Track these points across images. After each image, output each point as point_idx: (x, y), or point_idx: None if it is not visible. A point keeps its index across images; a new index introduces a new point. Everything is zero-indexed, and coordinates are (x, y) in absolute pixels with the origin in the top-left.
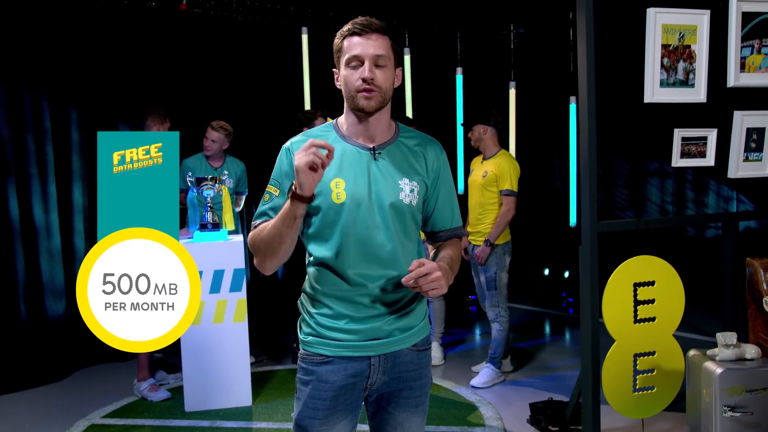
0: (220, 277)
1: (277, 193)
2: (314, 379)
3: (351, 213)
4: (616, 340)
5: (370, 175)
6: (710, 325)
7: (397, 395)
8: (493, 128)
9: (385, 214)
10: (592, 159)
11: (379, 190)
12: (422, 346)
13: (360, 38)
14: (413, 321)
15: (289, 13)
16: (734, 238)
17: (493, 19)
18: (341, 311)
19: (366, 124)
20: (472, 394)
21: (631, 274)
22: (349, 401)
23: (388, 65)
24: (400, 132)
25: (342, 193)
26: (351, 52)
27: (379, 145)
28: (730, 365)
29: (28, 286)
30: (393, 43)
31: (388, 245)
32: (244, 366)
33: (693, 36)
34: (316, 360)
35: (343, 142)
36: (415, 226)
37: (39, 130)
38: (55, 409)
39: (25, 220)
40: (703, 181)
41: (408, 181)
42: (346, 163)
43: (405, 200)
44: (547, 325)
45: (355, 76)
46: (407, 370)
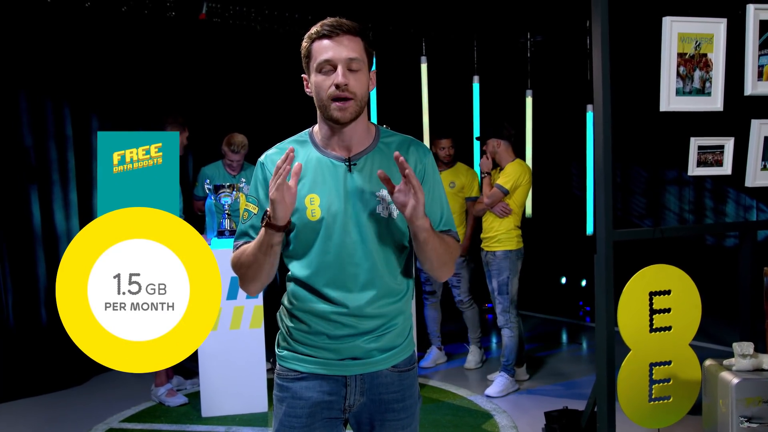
0: (237, 284)
1: (256, 211)
2: (289, 396)
3: (327, 230)
4: (632, 349)
5: (345, 188)
6: (728, 335)
7: (380, 418)
8: (506, 141)
9: (363, 230)
10: (607, 167)
11: (355, 204)
12: (404, 367)
13: (330, 41)
14: (394, 340)
15: (308, 22)
16: (752, 247)
17: (510, 28)
18: (318, 328)
19: (340, 134)
20: (487, 402)
21: (646, 283)
22: (326, 419)
23: (362, 69)
24: (380, 137)
25: (317, 210)
26: (322, 56)
27: (356, 155)
28: (746, 375)
29: (48, 291)
30: (366, 45)
31: (366, 263)
32: (261, 372)
33: (709, 44)
34: (291, 376)
35: (319, 154)
36: (399, 237)
37: (61, 138)
38: (74, 413)
39: (46, 226)
40: (723, 189)
41: (386, 192)
42: (321, 178)
43: (383, 213)
44: (563, 333)
45: (327, 83)
46: (387, 392)
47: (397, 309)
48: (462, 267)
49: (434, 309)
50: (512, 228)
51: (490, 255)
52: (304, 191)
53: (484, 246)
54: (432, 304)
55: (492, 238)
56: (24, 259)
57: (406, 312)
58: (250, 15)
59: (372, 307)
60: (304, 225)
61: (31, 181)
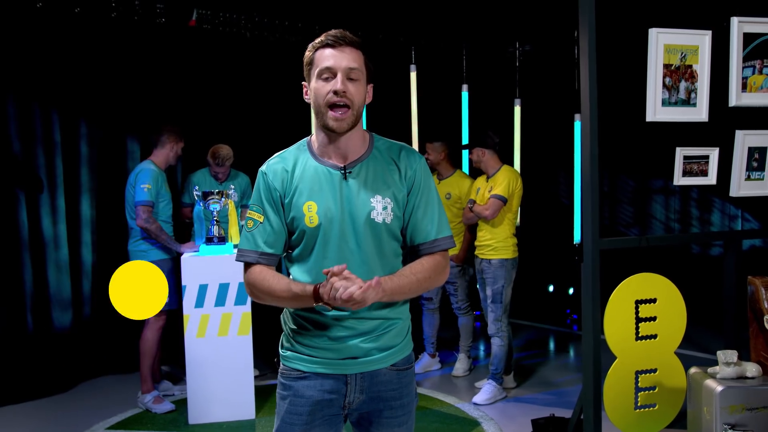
0: (226, 291)
1: (262, 219)
2: (291, 395)
3: (324, 236)
4: (618, 357)
5: (341, 195)
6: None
7: (378, 415)
8: (491, 150)
9: (359, 235)
10: (594, 176)
11: (351, 210)
12: (403, 366)
13: (333, 50)
14: (393, 340)
15: (297, 29)
16: (736, 257)
17: (499, 37)
18: (319, 330)
19: (337, 143)
20: (474, 410)
21: (632, 292)
22: (326, 417)
23: (361, 79)
24: (374, 144)
25: (314, 217)
26: (323, 63)
27: (351, 163)
28: (730, 383)
29: (35, 297)
30: (366, 59)
31: (363, 266)
32: (248, 379)
33: (695, 56)
34: (294, 375)
35: (315, 163)
36: (394, 243)
37: (49, 144)
38: (59, 421)
39: (33, 232)
40: (708, 199)
41: (381, 198)
42: (318, 185)
43: (377, 218)
44: (551, 341)
45: (326, 89)
46: (386, 390)
47: (394, 310)
48: (458, 276)
49: (432, 315)
50: (508, 236)
51: (486, 263)
52: (302, 199)
53: (479, 254)
54: (429, 310)
55: (487, 246)
56: (10, 265)
57: (403, 313)
58: (240, 22)
59: (370, 309)
60: (302, 231)
61: (18, 187)
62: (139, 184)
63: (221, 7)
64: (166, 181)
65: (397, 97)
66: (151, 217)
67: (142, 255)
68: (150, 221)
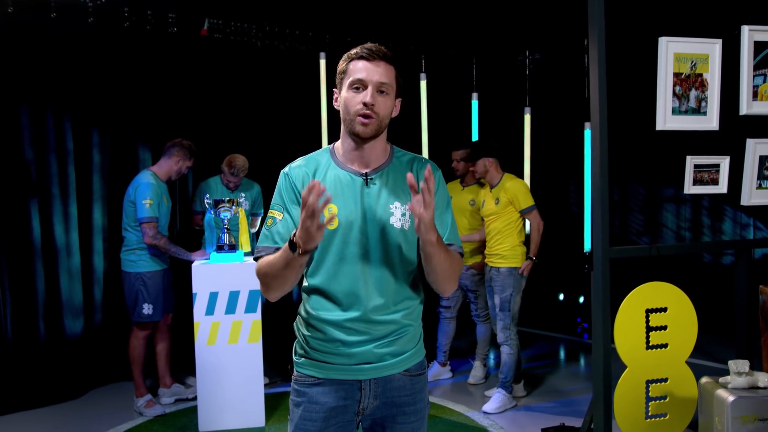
0: (236, 298)
1: (281, 217)
2: (305, 401)
3: (343, 239)
4: (628, 366)
5: (362, 201)
6: (723, 352)
7: (391, 421)
8: (496, 158)
9: (377, 240)
10: (604, 184)
11: (371, 215)
12: (415, 371)
13: (367, 63)
14: (406, 346)
15: (308, 38)
16: (747, 265)
17: (509, 46)
18: (333, 336)
19: (361, 150)
20: (484, 418)
21: (643, 300)
22: (341, 423)
23: (390, 94)
24: (394, 154)
25: (334, 220)
26: (355, 75)
27: (373, 170)
28: (742, 393)
29: (47, 304)
30: (397, 74)
31: (379, 271)
32: (258, 386)
33: (705, 64)
34: (308, 381)
35: (337, 168)
36: (410, 250)
37: (62, 152)
38: (71, 427)
39: (46, 240)
40: (720, 207)
41: (399, 205)
42: (339, 190)
43: (396, 224)
44: (561, 350)
45: (356, 99)
46: (400, 395)
47: (408, 316)
48: (480, 284)
49: (448, 323)
50: (517, 245)
51: (495, 271)
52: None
53: (489, 262)
54: (446, 318)
55: (497, 254)
56: (23, 273)
57: (417, 319)
58: (251, 31)
59: (384, 314)
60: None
61: (31, 195)
62: (139, 199)
63: (232, 17)
64: (166, 192)
65: (407, 105)
66: (158, 233)
67: (131, 265)
68: (158, 237)
